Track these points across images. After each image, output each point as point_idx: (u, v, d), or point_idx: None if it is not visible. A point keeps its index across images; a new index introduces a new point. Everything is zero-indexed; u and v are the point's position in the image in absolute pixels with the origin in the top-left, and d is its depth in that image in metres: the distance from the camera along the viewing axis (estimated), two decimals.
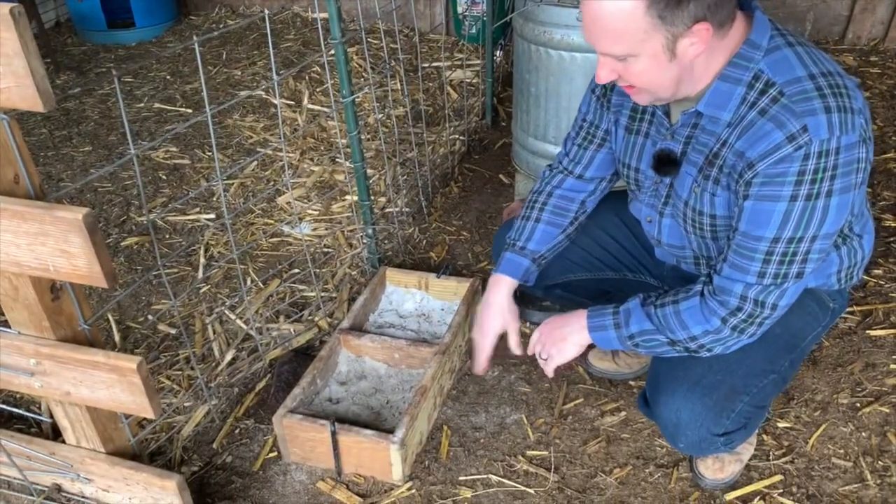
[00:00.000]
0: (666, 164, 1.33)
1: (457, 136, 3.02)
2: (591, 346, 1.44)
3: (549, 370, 1.45)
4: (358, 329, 1.95)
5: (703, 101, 1.21)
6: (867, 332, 1.95)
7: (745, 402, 1.36)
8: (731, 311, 1.24)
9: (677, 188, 1.35)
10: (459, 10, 3.86)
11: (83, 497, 1.55)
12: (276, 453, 1.71)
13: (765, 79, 1.15)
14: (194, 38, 1.42)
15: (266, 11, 1.57)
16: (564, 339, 1.42)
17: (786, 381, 1.44)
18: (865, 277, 2.14)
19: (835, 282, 1.42)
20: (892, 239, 2.28)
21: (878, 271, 2.16)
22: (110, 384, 1.27)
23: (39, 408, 1.83)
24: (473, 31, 3.85)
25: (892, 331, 1.95)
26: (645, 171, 1.40)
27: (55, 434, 1.70)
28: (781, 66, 1.15)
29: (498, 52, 3.52)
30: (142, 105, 3.54)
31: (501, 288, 1.53)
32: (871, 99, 3.13)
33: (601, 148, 1.51)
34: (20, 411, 1.65)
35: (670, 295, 1.31)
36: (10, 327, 1.31)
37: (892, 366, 1.85)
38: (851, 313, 2.02)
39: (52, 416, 1.51)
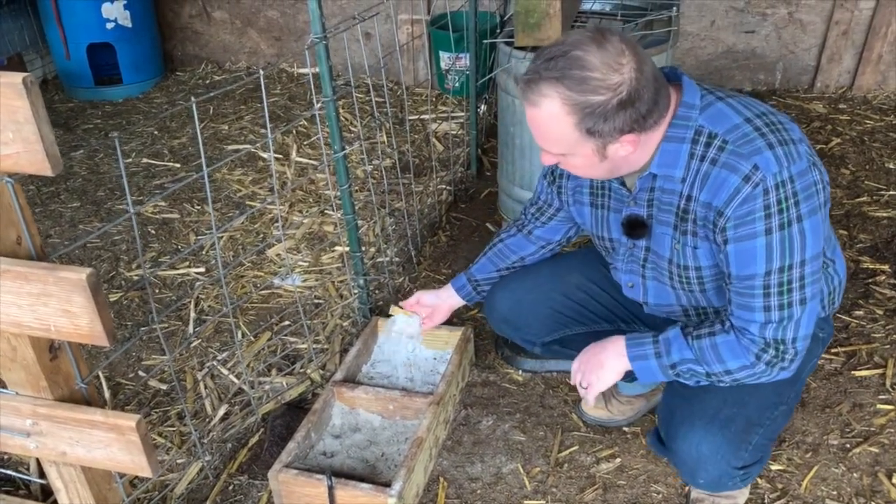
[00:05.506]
0: (636, 227, 1.41)
1: (444, 186, 3.08)
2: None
3: (591, 398, 1.47)
4: (351, 380, 1.96)
5: (654, 164, 1.29)
6: (852, 372, 1.99)
7: (759, 433, 1.39)
8: (760, 349, 1.28)
9: (657, 249, 1.41)
10: (443, 65, 3.96)
11: None
12: None
13: (706, 132, 1.25)
14: (191, 98, 1.46)
15: (260, 70, 1.62)
16: (602, 365, 1.43)
17: (791, 413, 1.49)
18: (848, 318, 2.19)
19: (820, 310, 1.47)
20: (870, 280, 2.34)
21: (860, 312, 2.22)
22: (108, 443, 1.26)
23: (28, 468, 1.80)
24: (457, 85, 3.95)
25: (876, 371, 1.99)
26: (618, 238, 1.48)
27: (45, 495, 1.67)
28: (718, 117, 1.25)
29: (482, 106, 3.61)
30: (130, 160, 3.56)
31: (445, 288, 1.92)
32: (841, 145, 3.25)
33: (552, 220, 1.71)
34: (9, 472, 1.62)
35: (706, 327, 1.34)
36: (5, 387, 1.30)
37: (879, 405, 1.88)
38: (836, 354, 2.06)
39: (42, 477, 1.49)
